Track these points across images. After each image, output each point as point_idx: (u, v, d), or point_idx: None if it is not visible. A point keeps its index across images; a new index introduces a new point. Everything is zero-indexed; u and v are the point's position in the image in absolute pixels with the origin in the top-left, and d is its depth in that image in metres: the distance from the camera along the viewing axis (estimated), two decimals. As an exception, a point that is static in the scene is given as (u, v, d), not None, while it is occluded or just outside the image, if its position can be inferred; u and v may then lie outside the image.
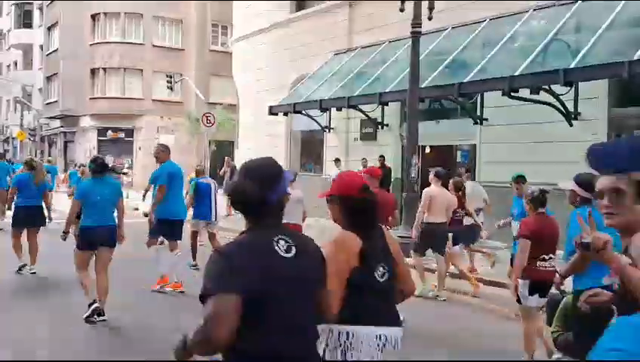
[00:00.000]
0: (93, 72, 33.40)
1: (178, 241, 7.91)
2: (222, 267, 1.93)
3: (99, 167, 6.33)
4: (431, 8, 11.03)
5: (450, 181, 8.52)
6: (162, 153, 7.90)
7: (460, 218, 8.49)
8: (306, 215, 8.29)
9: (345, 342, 2.62)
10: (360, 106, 14.21)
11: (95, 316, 6.07)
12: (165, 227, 7.79)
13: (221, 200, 13.07)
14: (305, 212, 8.19)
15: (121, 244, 6.61)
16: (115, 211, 6.53)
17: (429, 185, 8.07)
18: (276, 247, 2.01)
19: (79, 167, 15.03)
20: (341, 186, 2.81)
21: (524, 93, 10.55)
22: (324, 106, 14.46)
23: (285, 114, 16.12)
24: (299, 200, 7.75)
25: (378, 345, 2.63)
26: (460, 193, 8.37)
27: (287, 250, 2.03)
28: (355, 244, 2.63)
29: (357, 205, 2.72)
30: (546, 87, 10.28)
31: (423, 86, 11.36)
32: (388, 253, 2.75)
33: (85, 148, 32.87)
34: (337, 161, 15.86)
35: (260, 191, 2.03)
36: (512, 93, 10.34)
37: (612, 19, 9.79)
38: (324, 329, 2.53)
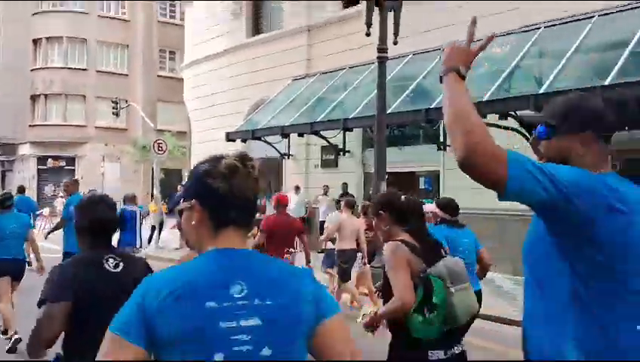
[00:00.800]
0: (34, 98, 31.97)
1: None
2: (56, 280, 2.43)
3: (3, 201, 6.61)
4: (396, 33, 10.90)
5: (360, 205, 9.77)
6: (70, 186, 8.86)
7: (370, 237, 8.92)
8: None
9: None
10: (321, 132, 13.90)
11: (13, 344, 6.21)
12: None
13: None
14: None
15: (42, 275, 6.57)
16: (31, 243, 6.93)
17: None
18: (106, 264, 2.53)
19: None
20: None
21: (490, 118, 10.49)
22: (285, 132, 14.07)
23: (244, 140, 15.62)
24: None
25: None
26: (368, 216, 8.83)
27: (115, 266, 2.54)
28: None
29: None
30: (512, 112, 10.26)
31: (388, 112, 11.15)
32: None
33: (24, 177, 31.22)
34: (297, 188, 15.45)
35: (90, 223, 2.62)
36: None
37: (577, 44, 9.90)
38: None
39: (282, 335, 1.39)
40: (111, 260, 2.55)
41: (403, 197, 3.34)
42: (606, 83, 8.53)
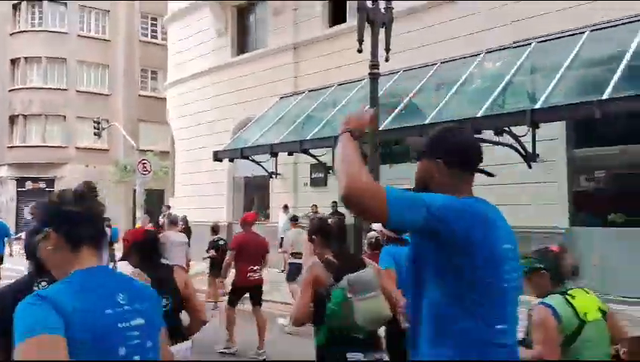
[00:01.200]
0: (12, 119, 31.31)
1: None
2: None
3: None
4: (387, 49, 10.77)
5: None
6: (37, 211, 9.08)
7: None
8: (189, 257, 9.00)
9: None
10: (310, 151, 13.66)
11: None
12: None
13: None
14: (188, 254, 8.94)
15: None
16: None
17: None
18: (35, 287, 2.58)
19: None
20: (131, 238, 3.94)
21: (485, 134, 10.36)
22: (274, 151, 13.80)
23: (231, 160, 15.33)
24: (182, 244, 8.82)
25: None
26: None
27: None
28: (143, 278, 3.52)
29: (142, 249, 3.80)
30: (506, 128, 10.14)
31: (380, 128, 10.97)
32: (172, 287, 3.68)
33: (3, 201, 30.47)
34: (286, 207, 15.17)
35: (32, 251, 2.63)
36: (475, 135, 10.11)
37: (571, 59, 9.84)
38: None
39: (154, 331, 1.81)
40: (43, 283, 2.61)
41: (330, 220, 4.02)
42: (603, 97, 8.45)
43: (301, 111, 14.87)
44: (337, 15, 15.89)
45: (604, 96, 8.43)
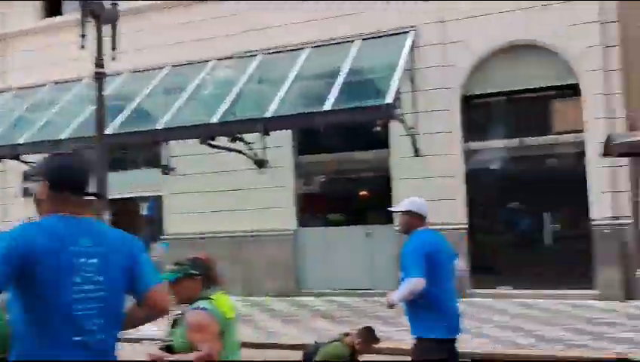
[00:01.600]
0: None
1: None
2: None
3: None
4: (114, 48, 10.09)
5: None
6: None
7: None
8: None
9: None
10: (23, 157, 12.00)
11: None
12: None
13: None
14: None
15: None
16: None
17: None
18: None
19: None
20: None
21: (218, 141, 10.45)
22: (-24, 157, 11.75)
23: None
24: None
25: None
26: None
27: None
28: None
29: None
30: (239, 135, 10.38)
31: (108, 133, 10.22)
32: None
33: None
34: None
35: None
36: (209, 142, 10.12)
37: (297, 72, 10.51)
38: None
39: None
40: None
41: None
42: (324, 109, 9.20)
43: (10, 111, 13.02)
44: (53, 7, 14.39)
45: (325, 108, 9.19)
